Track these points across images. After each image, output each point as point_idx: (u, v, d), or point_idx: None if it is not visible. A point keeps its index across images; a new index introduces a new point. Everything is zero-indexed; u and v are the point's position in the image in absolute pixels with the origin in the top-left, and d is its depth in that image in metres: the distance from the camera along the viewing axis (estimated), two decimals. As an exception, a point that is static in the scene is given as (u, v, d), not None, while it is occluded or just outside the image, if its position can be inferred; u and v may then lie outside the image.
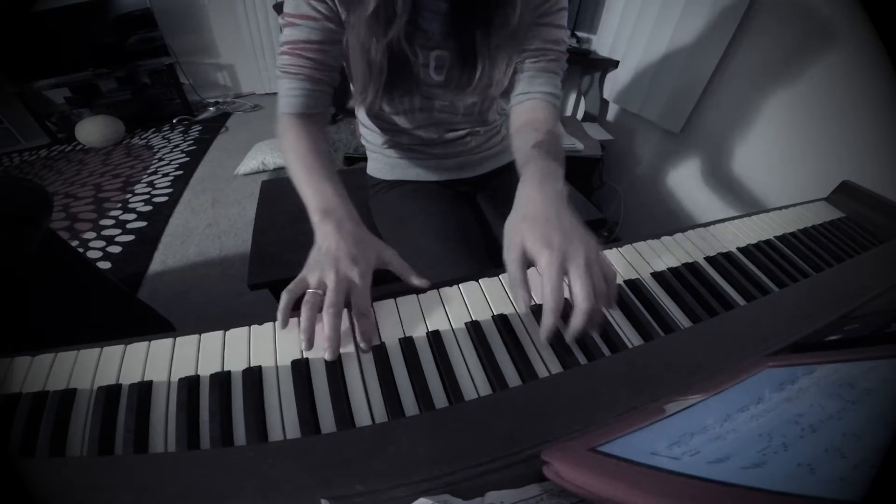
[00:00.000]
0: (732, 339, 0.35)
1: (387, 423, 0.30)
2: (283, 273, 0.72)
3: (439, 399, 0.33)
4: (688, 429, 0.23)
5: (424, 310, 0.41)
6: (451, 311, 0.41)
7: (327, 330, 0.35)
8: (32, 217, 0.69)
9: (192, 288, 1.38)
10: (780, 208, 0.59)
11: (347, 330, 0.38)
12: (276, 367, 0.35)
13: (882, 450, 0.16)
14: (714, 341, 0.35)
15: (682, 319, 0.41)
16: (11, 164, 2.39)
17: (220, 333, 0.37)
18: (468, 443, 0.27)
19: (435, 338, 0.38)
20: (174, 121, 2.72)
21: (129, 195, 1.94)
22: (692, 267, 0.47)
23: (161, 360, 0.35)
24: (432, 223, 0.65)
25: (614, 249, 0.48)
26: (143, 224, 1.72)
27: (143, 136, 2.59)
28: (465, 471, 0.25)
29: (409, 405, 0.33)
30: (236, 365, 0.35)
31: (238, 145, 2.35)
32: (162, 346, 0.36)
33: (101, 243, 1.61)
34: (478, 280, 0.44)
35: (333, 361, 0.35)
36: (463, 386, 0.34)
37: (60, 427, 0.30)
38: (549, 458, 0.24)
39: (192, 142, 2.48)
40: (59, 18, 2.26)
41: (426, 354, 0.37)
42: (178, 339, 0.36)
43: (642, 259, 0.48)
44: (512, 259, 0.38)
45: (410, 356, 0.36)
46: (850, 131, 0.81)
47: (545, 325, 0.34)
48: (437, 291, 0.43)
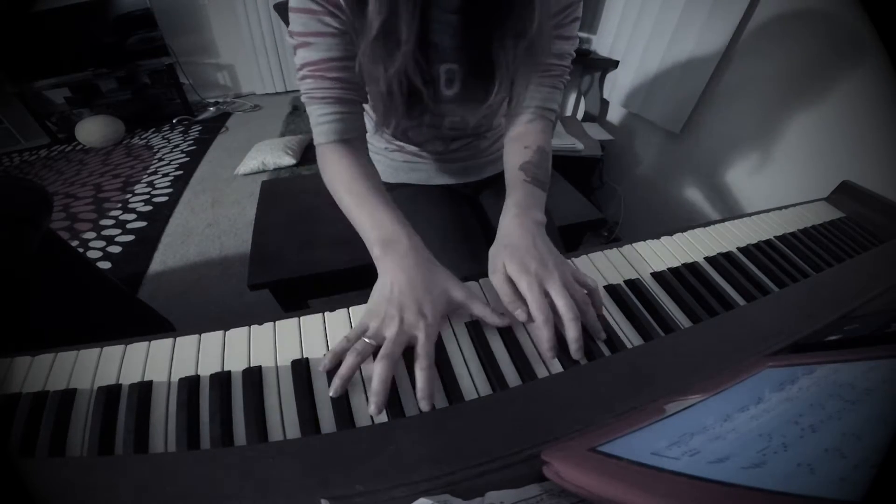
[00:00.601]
0: (732, 339, 0.35)
1: (387, 423, 0.30)
2: (283, 273, 0.71)
3: (439, 399, 0.33)
4: (688, 429, 0.23)
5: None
6: (451, 311, 0.40)
7: (376, 383, 0.32)
8: (32, 217, 0.69)
9: (192, 288, 1.38)
10: (780, 208, 0.59)
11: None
12: (276, 367, 0.35)
13: (882, 450, 0.16)
14: (714, 341, 0.35)
15: (682, 319, 0.41)
16: (11, 164, 2.39)
17: (220, 333, 0.37)
18: (468, 443, 0.27)
19: (435, 338, 0.37)
20: (174, 121, 2.72)
21: (129, 195, 1.94)
22: (692, 267, 0.47)
23: (161, 360, 0.35)
24: (432, 225, 0.65)
25: (614, 249, 0.48)
26: (143, 224, 1.72)
27: (143, 136, 2.59)
28: (465, 471, 0.25)
29: (409, 405, 0.33)
30: (236, 365, 0.35)
31: (238, 145, 2.35)
32: (162, 346, 0.36)
33: (101, 243, 1.61)
34: (478, 280, 0.44)
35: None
36: (463, 386, 0.34)
37: (60, 427, 0.30)
38: (549, 458, 0.24)
39: (192, 142, 2.48)
40: (59, 18, 2.26)
41: (426, 354, 0.36)
42: (178, 339, 0.36)
43: (642, 259, 0.48)
44: (499, 280, 0.41)
45: (410, 357, 0.36)
46: (850, 131, 0.81)
47: (544, 338, 0.35)
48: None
